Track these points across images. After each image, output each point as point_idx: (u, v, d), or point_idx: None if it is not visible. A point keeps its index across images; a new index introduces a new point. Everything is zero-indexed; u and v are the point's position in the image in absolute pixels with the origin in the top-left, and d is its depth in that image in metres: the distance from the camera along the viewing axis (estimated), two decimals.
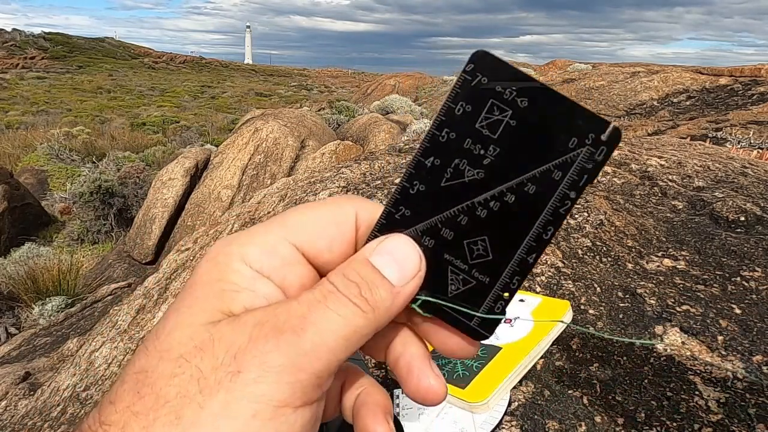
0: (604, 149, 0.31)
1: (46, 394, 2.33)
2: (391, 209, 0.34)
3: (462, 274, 0.34)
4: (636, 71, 12.00)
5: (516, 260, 0.33)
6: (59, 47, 55.86)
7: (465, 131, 0.32)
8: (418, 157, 0.33)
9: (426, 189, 0.33)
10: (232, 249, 0.32)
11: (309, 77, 62.07)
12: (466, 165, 0.33)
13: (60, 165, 12.10)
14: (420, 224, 0.34)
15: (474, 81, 0.32)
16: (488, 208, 0.33)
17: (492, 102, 0.32)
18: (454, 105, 0.32)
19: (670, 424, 0.95)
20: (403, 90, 19.26)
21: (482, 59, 0.32)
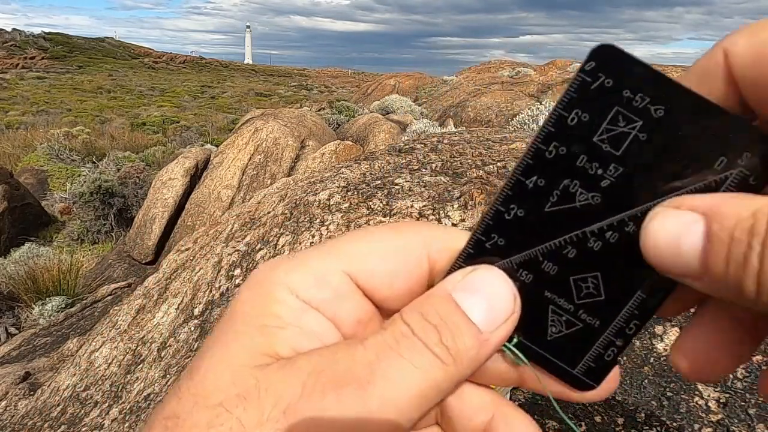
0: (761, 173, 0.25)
1: (46, 394, 2.33)
2: (481, 237, 0.29)
3: (566, 315, 0.29)
4: None
5: (635, 302, 0.28)
6: (59, 47, 55.89)
7: (579, 146, 0.26)
8: (517, 176, 0.28)
9: (526, 214, 0.28)
10: (277, 275, 0.28)
11: (309, 77, 62.09)
12: (578, 187, 0.27)
13: (60, 165, 12.10)
14: (516, 256, 0.28)
15: (595, 83, 0.26)
16: (604, 239, 0.27)
17: (617, 110, 0.26)
18: (567, 113, 0.26)
19: (670, 424, 0.95)
20: (403, 90, 19.26)
21: (606, 55, 0.25)
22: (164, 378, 1.75)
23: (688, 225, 0.24)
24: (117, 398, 1.88)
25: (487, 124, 10.75)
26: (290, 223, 2.10)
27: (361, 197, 2.07)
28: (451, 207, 1.91)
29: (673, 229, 0.24)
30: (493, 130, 3.14)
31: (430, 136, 2.93)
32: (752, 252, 0.21)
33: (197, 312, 1.98)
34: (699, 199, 0.24)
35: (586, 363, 0.29)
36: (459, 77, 18.60)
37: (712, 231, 0.23)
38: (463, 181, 2.07)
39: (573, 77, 0.26)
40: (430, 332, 0.26)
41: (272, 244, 2.05)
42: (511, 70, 17.02)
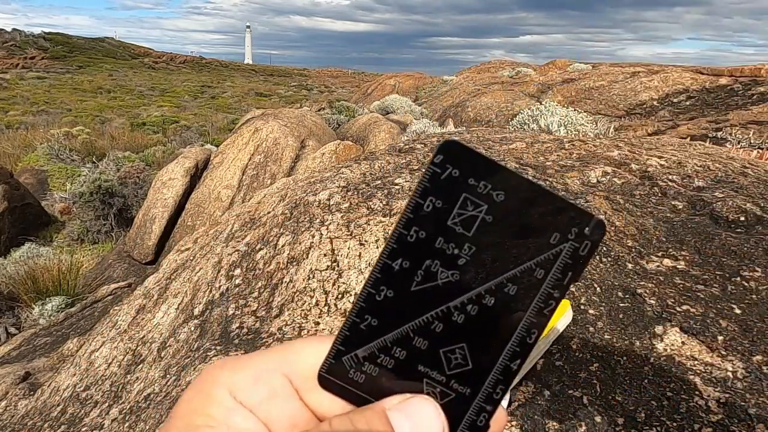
0: (588, 244, 0.29)
1: (46, 394, 2.33)
2: (356, 319, 0.30)
3: (439, 387, 0.30)
4: (636, 71, 12.00)
5: (499, 368, 0.30)
6: (59, 47, 55.88)
7: (436, 230, 0.29)
8: (384, 260, 0.30)
9: (394, 295, 0.30)
10: (220, 375, 0.30)
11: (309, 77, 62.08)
12: (438, 266, 0.29)
13: (60, 165, 12.10)
14: (389, 334, 0.30)
15: (444, 174, 0.29)
16: (465, 312, 0.30)
17: (465, 197, 0.29)
18: (423, 201, 0.29)
19: (670, 424, 0.95)
20: (403, 90, 19.26)
21: (451, 149, 0.29)
22: (164, 378, 1.75)
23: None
24: (117, 398, 1.88)
25: (487, 124, 10.75)
26: (290, 223, 2.10)
27: (361, 197, 2.07)
28: None
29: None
30: (493, 130, 3.14)
31: (430, 136, 2.93)
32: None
33: (197, 312, 1.98)
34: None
35: (462, 431, 0.31)
36: (459, 77, 18.60)
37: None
38: None
39: (425, 170, 0.29)
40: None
41: (272, 244, 2.05)
42: (511, 70, 17.02)
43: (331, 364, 0.31)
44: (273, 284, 1.85)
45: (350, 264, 1.76)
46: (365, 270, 1.73)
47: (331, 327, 1.60)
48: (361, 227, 1.88)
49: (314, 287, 1.73)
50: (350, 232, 1.87)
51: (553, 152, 2.35)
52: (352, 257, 1.78)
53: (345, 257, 1.79)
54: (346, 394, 0.31)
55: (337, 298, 1.69)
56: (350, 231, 1.88)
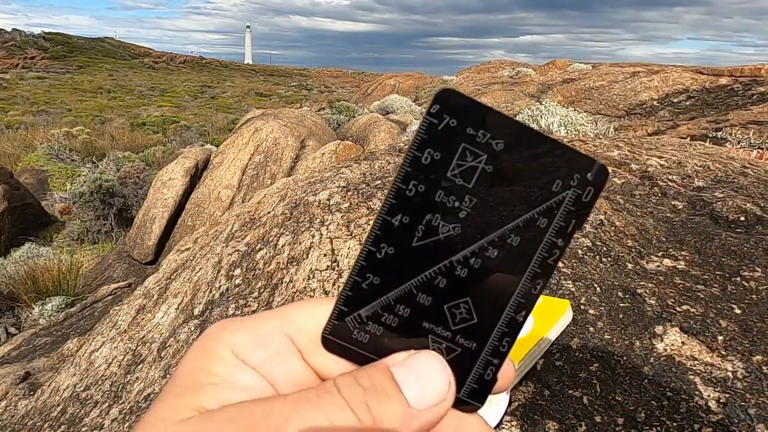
0: (591, 190, 0.28)
1: (46, 394, 2.34)
2: (357, 278, 0.30)
3: (445, 342, 0.30)
4: (636, 71, 12.01)
5: (504, 320, 0.30)
6: (59, 47, 55.90)
7: (435, 182, 0.28)
8: (383, 217, 0.29)
9: (396, 252, 0.29)
10: (222, 334, 0.30)
11: (309, 77, 62.12)
12: (439, 220, 0.29)
13: (60, 165, 12.11)
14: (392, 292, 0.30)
15: (441, 124, 0.28)
16: (469, 266, 0.29)
17: (464, 147, 0.28)
18: (420, 153, 0.28)
19: (670, 424, 0.95)
20: (403, 90, 19.26)
21: (448, 99, 0.28)
22: (164, 378, 1.75)
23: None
24: (117, 398, 1.88)
25: None
26: (290, 223, 2.10)
27: (361, 197, 2.08)
28: None
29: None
30: None
31: None
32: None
33: (197, 312, 1.98)
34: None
35: (470, 385, 0.31)
36: (459, 77, 18.60)
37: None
38: None
39: (421, 120, 0.28)
40: (356, 393, 0.27)
41: (272, 244, 2.05)
42: (511, 70, 17.03)
43: (334, 325, 0.30)
44: (273, 284, 1.85)
45: (350, 264, 1.76)
46: None
47: None
48: (361, 227, 1.88)
49: (314, 287, 1.73)
50: (350, 232, 1.87)
51: None
52: (353, 257, 1.78)
53: (345, 257, 1.79)
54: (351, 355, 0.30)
55: None
56: (350, 231, 1.88)
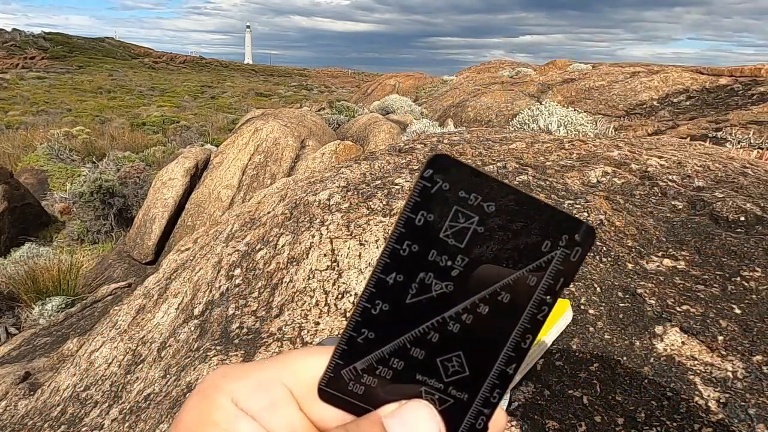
0: (579, 250, 0.30)
1: (46, 394, 2.33)
2: (352, 333, 0.31)
3: (438, 394, 0.31)
4: (636, 71, 12.00)
5: (495, 373, 0.31)
6: (59, 47, 55.89)
7: (428, 243, 0.30)
8: (378, 275, 0.30)
9: (390, 308, 0.31)
10: (223, 382, 0.31)
11: (309, 77, 62.12)
12: (432, 278, 0.30)
13: (60, 165, 12.11)
14: (386, 346, 0.31)
15: (434, 188, 0.29)
16: (461, 321, 0.31)
17: (456, 209, 0.29)
18: (414, 215, 0.30)
19: (670, 424, 0.95)
20: (403, 90, 19.26)
21: (440, 163, 0.29)
22: (164, 378, 1.75)
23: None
24: (117, 398, 1.88)
25: (487, 124, 10.75)
26: (290, 223, 2.10)
27: (361, 197, 2.07)
28: None
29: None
30: (493, 130, 3.14)
31: (430, 136, 2.93)
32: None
33: (197, 312, 1.98)
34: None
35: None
36: (459, 77, 18.60)
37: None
38: None
39: (414, 183, 0.30)
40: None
41: (272, 244, 2.05)
42: (511, 70, 17.02)
43: (330, 377, 0.31)
44: (273, 284, 1.85)
45: (350, 264, 1.76)
46: (365, 270, 1.73)
47: (331, 327, 1.60)
48: (361, 227, 1.88)
49: (314, 287, 1.73)
50: (350, 232, 1.87)
51: (553, 152, 2.35)
52: (352, 257, 1.78)
53: (345, 257, 1.79)
54: (347, 406, 0.31)
55: (337, 298, 1.69)
56: (350, 231, 1.88)
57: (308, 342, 1.56)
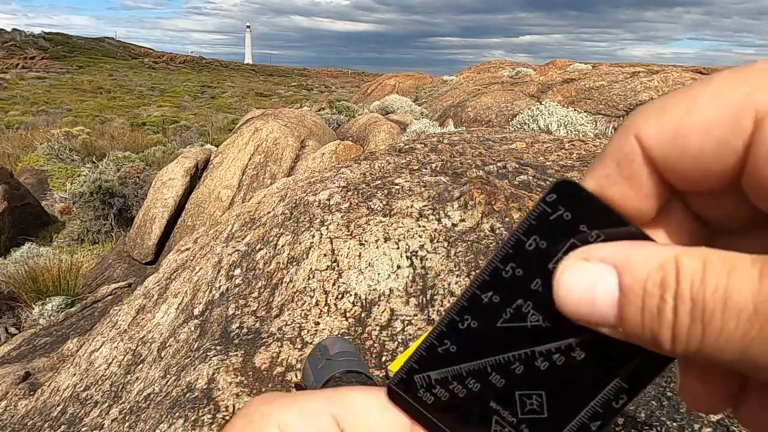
0: None
1: (46, 394, 2.33)
2: (434, 341, 0.30)
3: (508, 427, 0.30)
4: (636, 71, 12.00)
5: (575, 425, 0.29)
6: (59, 47, 55.90)
7: (535, 270, 0.28)
8: (473, 290, 0.29)
9: (478, 327, 0.29)
10: (270, 410, 0.30)
11: (309, 77, 62.13)
12: (530, 308, 0.28)
13: (60, 165, 12.11)
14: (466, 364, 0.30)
15: (554, 215, 0.27)
16: (551, 360, 0.28)
17: (573, 242, 0.27)
18: (526, 238, 0.28)
19: (670, 424, 0.95)
20: (403, 90, 19.25)
21: (567, 190, 0.27)
22: (164, 378, 1.75)
23: (600, 277, 0.25)
24: (117, 398, 1.88)
25: (487, 124, 10.74)
26: (290, 223, 2.10)
27: (361, 197, 2.07)
28: (450, 207, 1.91)
29: (585, 280, 0.25)
30: (493, 130, 3.14)
31: (430, 136, 2.93)
32: (665, 305, 0.23)
33: (197, 312, 1.98)
34: (606, 250, 0.25)
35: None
36: (459, 77, 18.60)
37: (625, 284, 0.24)
38: (463, 181, 2.07)
39: (534, 206, 0.28)
40: None
41: (272, 244, 2.05)
42: (511, 70, 17.01)
43: (402, 378, 0.30)
44: (273, 284, 1.85)
45: (350, 264, 1.76)
46: (365, 270, 1.73)
47: (330, 327, 1.59)
48: (361, 227, 1.88)
49: (314, 287, 1.73)
50: (350, 232, 1.87)
51: (553, 152, 2.35)
52: (352, 257, 1.78)
53: (345, 257, 1.79)
54: (411, 411, 0.31)
55: (337, 298, 1.69)
56: (350, 231, 1.88)
57: (308, 342, 1.56)
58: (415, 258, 1.77)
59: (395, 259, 1.76)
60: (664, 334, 0.23)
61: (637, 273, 0.24)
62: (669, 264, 0.23)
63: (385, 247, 1.81)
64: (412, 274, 1.72)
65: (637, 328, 0.24)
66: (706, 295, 0.22)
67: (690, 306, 0.22)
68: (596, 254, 0.26)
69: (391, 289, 1.69)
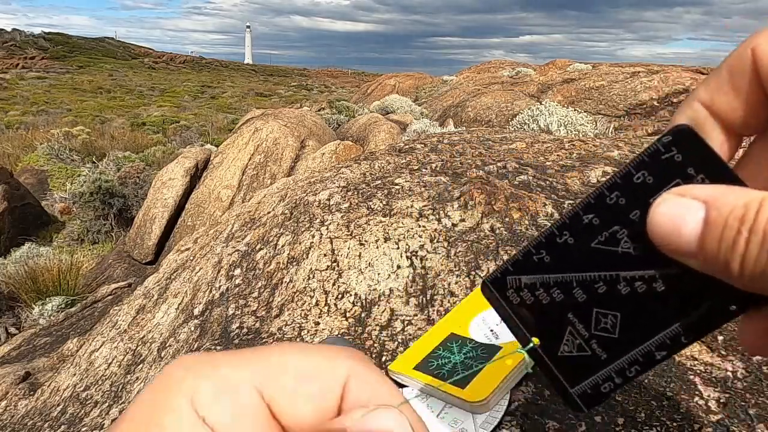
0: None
1: (46, 394, 2.34)
2: (532, 249, 0.32)
3: (579, 339, 0.31)
4: (636, 71, 12.01)
5: (642, 350, 0.30)
6: (59, 47, 55.91)
7: (636, 201, 0.29)
8: (577, 209, 0.31)
9: (574, 243, 0.31)
10: (183, 379, 0.26)
11: (309, 77, 62.15)
12: (625, 235, 0.30)
13: (60, 165, 12.11)
14: (555, 275, 0.31)
15: (666, 154, 0.29)
16: (632, 287, 0.30)
17: (677, 182, 0.29)
18: (636, 171, 0.29)
19: (670, 424, 0.95)
20: (403, 90, 19.26)
21: (684, 137, 0.29)
22: None
23: (691, 210, 0.27)
24: (117, 398, 1.88)
25: (487, 124, 10.75)
26: (290, 223, 2.10)
27: (361, 197, 2.08)
28: (450, 207, 1.91)
29: (677, 213, 0.28)
30: (493, 130, 3.14)
31: (430, 136, 2.93)
32: (740, 237, 0.25)
33: (197, 312, 1.98)
34: (700, 189, 0.28)
35: (584, 387, 0.32)
36: (459, 77, 18.60)
37: (710, 217, 0.26)
38: (463, 181, 2.07)
39: (650, 144, 0.29)
40: None
41: (272, 244, 2.05)
42: (511, 70, 17.01)
43: (497, 277, 0.32)
44: (273, 284, 1.85)
45: (350, 264, 1.76)
46: (365, 270, 1.73)
47: (331, 327, 1.60)
48: (361, 227, 1.88)
49: (314, 287, 1.73)
50: (350, 232, 1.87)
51: (553, 152, 2.35)
52: (352, 257, 1.78)
53: (345, 257, 1.79)
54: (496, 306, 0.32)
55: (337, 298, 1.69)
56: (350, 231, 1.88)
57: (308, 342, 1.56)
58: (415, 258, 1.77)
59: (395, 259, 1.76)
60: (735, 261, 0.25)
61: (723, 208, 0.26)
62: (753, 203, 0.25)
63: (385, 247, 1.81)
64: (412, 274, 1.72)
65: (713, 256, 0.26)
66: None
67: (761, 238, 0.24)
68: (692, 191, 0.28)
69: (391, 289, 1.69)
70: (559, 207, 1.77)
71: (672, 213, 0.28)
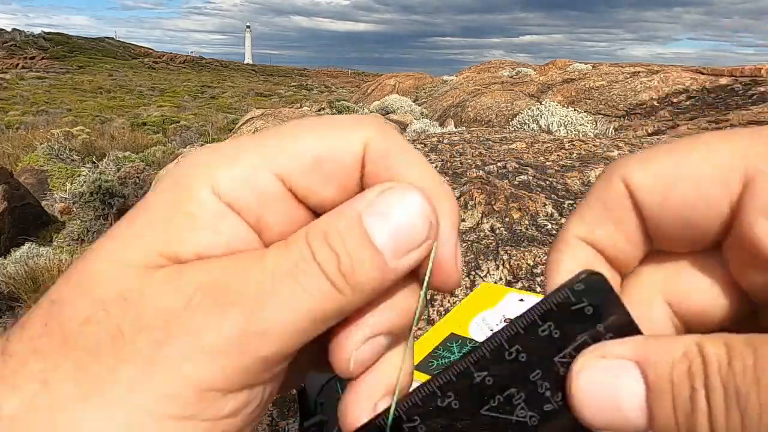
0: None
1: None
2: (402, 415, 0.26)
3: None
4: (636, 71, 12.02)
5: None
6: (59, 47, 55.95)
7: (539, 360, 0.25)
8: (467, 364, 0.25)
9: (458, 408, 0.25)
10: (201, 170, 0.25)
11: (309, 77, 62.20)
12: (522, 401, 0.25)
13: (60, 165, 12.11)
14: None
15: (576, 306, 0.25)
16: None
17: (586, 340, 0.24)
18: (541, 323, 0.25)
19: None
20: (403, 90, 19.25)
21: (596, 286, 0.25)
22: None
23: (623, 375, 0.23)
24: None
25: (487, 124, 10.75)
26: None
27: None
28: None
29: (606, 382, 0.23)
30: (493, 130, 3.14)
31: (430, 136, 2.93)
32: (697, 395, 0.21)
33: None
34: (622, 346, 0.23)
35: None
36: (459, 77, 18.60)
37: (651, 378, 0.22)
38: (463, 181, 2.07)
39: (558, 289, 0.25)
40: (329, 258, 0.23)
41: None
42: (511, 70, 17.02)
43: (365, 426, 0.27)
44: None
45: None
46: None
47: None
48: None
49: None
50: None
51: (553, 152, 2.36)
52: None
53: None
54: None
55: None
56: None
57: None
58: None
59: None
60: (701, 426, 0.21)
61: (661, 366, 0.22)
62: (692, 352, 0.21)
63: None
64: None
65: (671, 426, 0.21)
66: (737, 380, 0.20)
67: (723, 392, 0.20)
68: (614, 351, 0.23)
69: None
70: (559, 207, 1.77)
71: (599, 383, 0.23)
